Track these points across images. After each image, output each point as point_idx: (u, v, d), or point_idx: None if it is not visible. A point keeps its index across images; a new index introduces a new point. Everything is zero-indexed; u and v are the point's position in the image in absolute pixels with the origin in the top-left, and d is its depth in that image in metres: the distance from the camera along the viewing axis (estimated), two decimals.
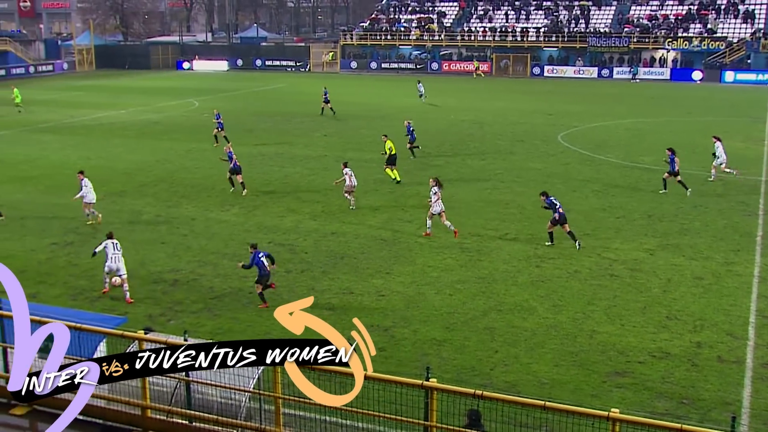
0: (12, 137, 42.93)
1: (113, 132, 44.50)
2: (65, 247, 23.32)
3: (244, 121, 48.02)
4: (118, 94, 64.73)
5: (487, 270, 21.20)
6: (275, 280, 19.51)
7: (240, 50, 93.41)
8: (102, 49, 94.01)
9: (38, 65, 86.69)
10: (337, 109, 51.32)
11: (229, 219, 26.26)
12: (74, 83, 75.07)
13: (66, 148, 39.26)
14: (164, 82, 75.87)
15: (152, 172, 33.59)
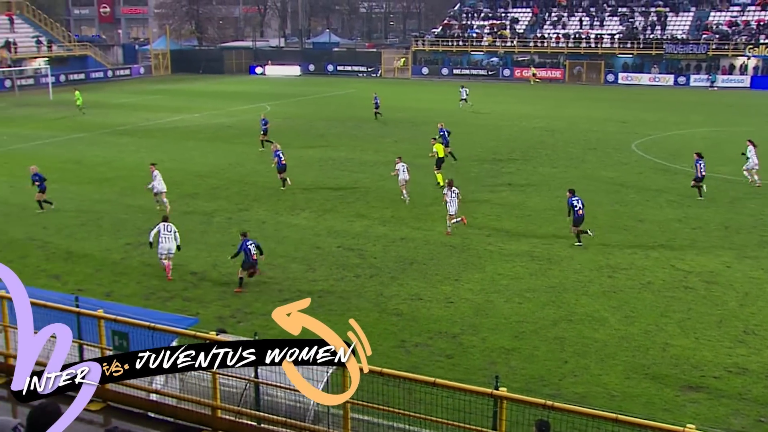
0: (90, 139, 44.18)
1: (187, 135, 45.43)
2: (139, 247, 23.87)
3: (316, 126, 48.47)
4: (193, 97, 66.04)
5: (557, 279, 20.95)
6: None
7: (312, 55, 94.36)
8: (177, 53, 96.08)
9: (116, 69, 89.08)
10: (407, 116, 51.37)
11: (299, 223, 26.52)
12: (150, 87, 76.88)
13: (141, 151, 40.23)
14: (237, 86, 77.13)
15: (224, 175, 34.17)
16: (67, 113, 55.03)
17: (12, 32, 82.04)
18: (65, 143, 42.85)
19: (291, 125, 49.16)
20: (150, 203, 28.55)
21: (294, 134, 45.18)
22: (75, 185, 32.44)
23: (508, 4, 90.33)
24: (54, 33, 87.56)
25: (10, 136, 44.91)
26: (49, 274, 21.51)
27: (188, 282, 20.83)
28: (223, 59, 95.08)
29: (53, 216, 27.57)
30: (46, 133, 46.10)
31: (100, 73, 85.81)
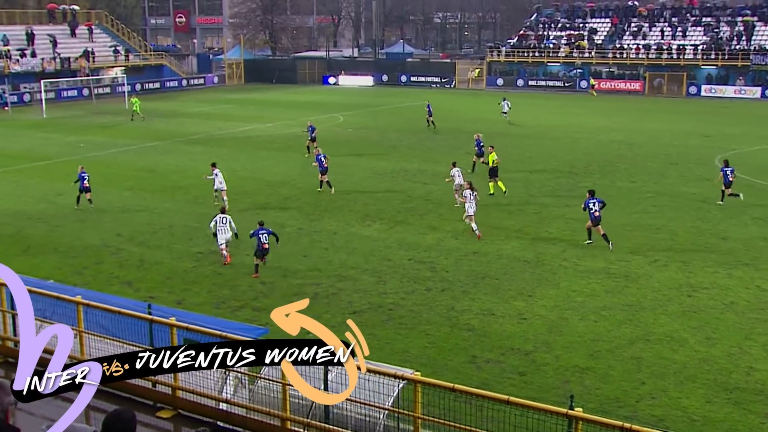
0: (164, 148, 45.23)
1: (259, 145, 46.13)
2: (210, 255, 24.29)
3: (388, 137, 48.70)
4: (266, 107, 67.06)
5: (634, 297, 20.56)
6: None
7: (385, 66, 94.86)
8: (251, 63, 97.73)
9: (190, 79, 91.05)
10: (480, 127, 51.12)
11: (370, 234, 26.65)
12: (224, 96, 78.37)
13: (214, 160, 40.95)
14: (310, 96, 78.03)
15: (296, 186, 34.57)
16: (144, 122, 56.47)
17: (91, 42, 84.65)
18: (140, 151, 43.96)
19: (363, 136, 49.49)
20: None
21: (366, 145, 45.48)
22: (148, 193, 33.25)
23: (587, 14, 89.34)
24: (131, 42, 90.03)
25: (87, 144, 46.29)
26: (122, 280, 22.06)
27: (258, 291, 21.10)
28: (296, 69, 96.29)
29: (127, 223, 28.29)
30: (122, 141, 47.37)
31: (175, 82, 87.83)
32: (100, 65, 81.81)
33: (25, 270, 21.67)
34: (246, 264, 23.25)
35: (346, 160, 40.37)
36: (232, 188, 33.64)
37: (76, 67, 77.95)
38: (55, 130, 53.30)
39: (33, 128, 54.60)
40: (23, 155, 43.12)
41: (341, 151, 43.36)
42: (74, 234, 27.01)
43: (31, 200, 32.16)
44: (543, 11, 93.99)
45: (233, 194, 31.82)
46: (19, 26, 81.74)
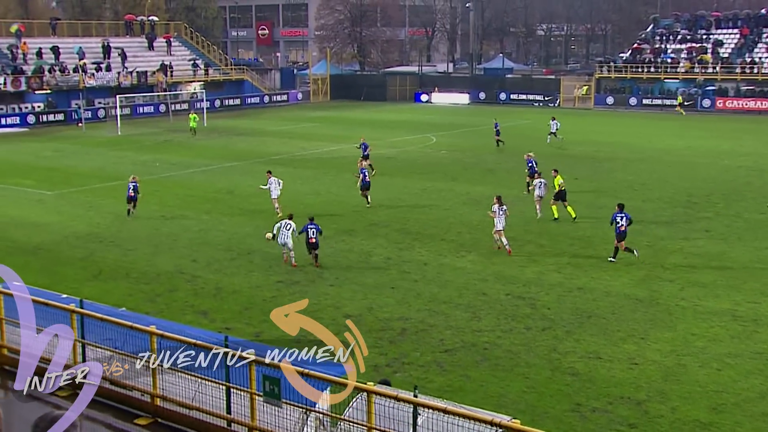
0: (244, 168, 46.18)
1: (345, 167, 46.60)
2: (291, 285, 24.62)
3: (485, 160, 48.62)
4: (352, 126, 67.82)
5: (765, 344, 19.89)
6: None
7: (483, 82, 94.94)
8: (337, 78, 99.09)
9: (273, 95, 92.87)
10: (588, 150, 50.57)
11: (464, 266, 26.58)
12: (308, 114, 79.65)
13: (297, 182, 41.63)
14: (400, 115, 78.60)
15: (384, 211, 34.79)
16: (221, 141, 57.83)
17: (169, 55, 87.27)
18: (218, 172, 45.00)
19: (457, 158, 49.54)
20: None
21: (461, 168, 45.46)
22: (227, 216, 33.98)
23: (711, 25, 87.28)
24: (211, 56, 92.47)
25: (163, 163, 47.68)
26: (197, 309, 22.54)
27: (342, 325, 21.24)
28: (386, 85, 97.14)
29: (204, 248, 28.94)
30: (200, 160, 48.57)
31: (257, 98, 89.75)
32: (178, 80, 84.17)
33: (96, 296, 22.42)
34: (329, 294, 23.47)
35: (439, 184, 40.43)
36: (316, 212, 34.11)
37: (153, 81, 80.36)
38: (129, 148, 55.08)
39: (107, 146, 56.56)
40: (96, 174, 44.67)
41: (434, 174, 43.48)
42: (147, 259, 27.78)
43: (103, 222, 33.27)
44: (660, 22, 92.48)
45: (319, 219, 32.29)
46: (94, 38, 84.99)
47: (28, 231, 31.84)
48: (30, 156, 52.42)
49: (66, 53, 78.39)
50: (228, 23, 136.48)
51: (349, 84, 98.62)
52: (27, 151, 54.92)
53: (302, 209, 35.11)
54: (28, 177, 44.10)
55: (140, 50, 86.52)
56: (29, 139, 61.44)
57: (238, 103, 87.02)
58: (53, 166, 48.17)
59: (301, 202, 36.50)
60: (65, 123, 71.08)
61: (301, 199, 37.23)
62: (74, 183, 42.19)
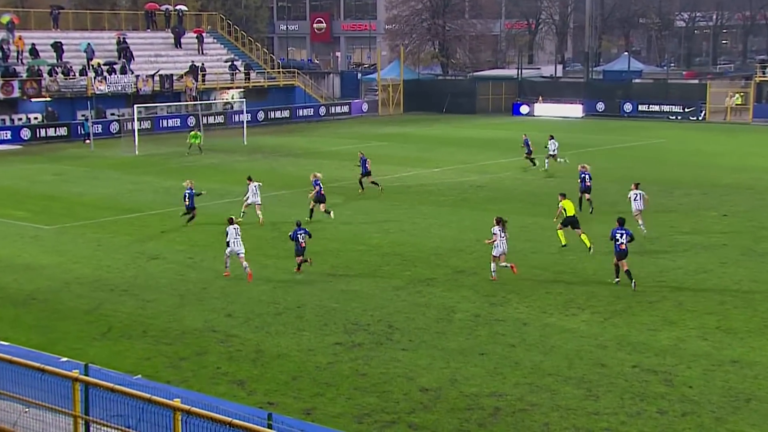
0: (293, 199, 46.53)
1: (422, 197, 46.69)
2: (352, 349, 24.63)
3: (605, 190, 48.22)
4: (431, 146, 67.97)
5: None
6: None
7: (602, 89, 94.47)
8: (413, 85, 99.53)
9: (331, 106, 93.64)
10: (744, 179, 49.89)
11: (576, 327, 26.30)
12: (375, 130, 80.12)
13: (358, 217, 41.77)
14: (494, 131, 78.57)
15: (471, 255, 34.69)
16: (265, 163, 58.49)
17: (200, 54, 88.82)
18: (263, 203, 45.42)
19: (570, 187, 49.28)
20: (367, 287, 29.54)
21: (574, 200, 45.16)
22: (271, 259, 34.23)
23: None
24: (253, 56, 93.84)
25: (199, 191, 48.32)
26: (232, 378, 22.67)
27: (416, 401, 21.17)
28: (475, 93, 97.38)
29: (241, 300, 29.16)
30: (238, 188, 48.98)
31: (310, 110, 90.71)
32: (212, 85, 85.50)
33: (103, 360, 22.72)
34: (400, 361, 23.41)
35: (543, 220, 40.20)
36: (385, 255, 34.20)
37: (180, 87, 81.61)
38: (149, 171, 55.96)
39: (121, 168, 57.58)
40: (106, 204, 45.44)
41: (537, 208, 43.25)
42: (170, 312, 28.08)
43: (115, 265, 33.77)
44: None
45: (387, 263, 32.31)
46: (107, 33, 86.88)
47: (20, 276, 32.47)
48: (23, 181, 53.67)
49: (71, 51, 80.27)
50: (275, 14, 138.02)
51: (427, 92, 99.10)
52: (20, 174, 56.25)
53: (365, 253, 35.27)
54: (20, 207, 45.09)
55: (164, 48, 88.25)
56: (23, 159, 62.95)
57: (286, 115, 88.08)
58: (53, 193, 49.18)
59: (365, 243, 36.66)
60: (68, 139, 72.72)
61: (365, 238, 37.36)
62: (79, 215, 42.99)
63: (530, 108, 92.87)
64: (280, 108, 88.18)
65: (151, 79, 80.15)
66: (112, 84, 78.17)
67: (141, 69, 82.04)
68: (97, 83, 77.09)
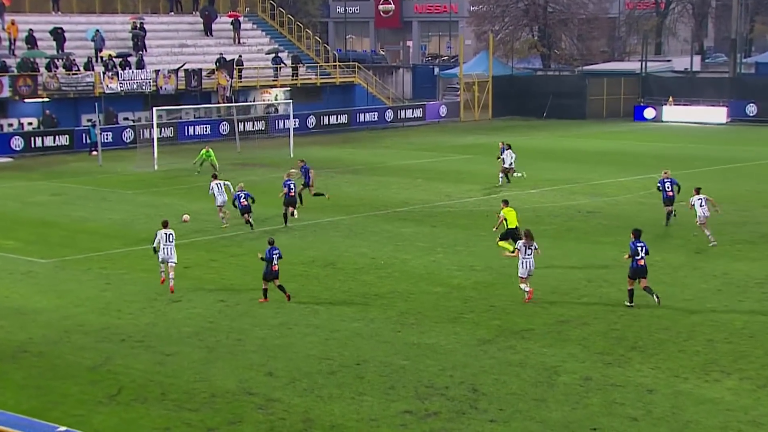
0: (352, 226, 46.53)
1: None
2: (425, 419, 24.49)
3: (756, 217, 47.79)
4: (528, 160, 67.55)
5: None
6: None
7: (754, 87, 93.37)
8: (505, 82, 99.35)
9: (400, 109, 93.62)
10: None
11: (719, 397, 25.94)
12: (455, 140, 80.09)
13: (436, 248, 41.66)
14: (609, 141, 78.10)
15: (580, 300, 34.38)
16: (318, 182, 58.49)
17: (236, 44, 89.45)
18: (311, 231, 45.46)
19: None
20: (445, 340, 29.42)
21: (717, 228, 44.83)
22: (323, 304, 34.17)
23: None
24: (302, 46, 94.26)
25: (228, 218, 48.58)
26: None
27: None
28: (584, 94, 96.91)
29: (286, 354, 29.10)
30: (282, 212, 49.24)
31: (374, 114, 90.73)
32: (251, 83, 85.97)
33: (111, 429, 22.82)
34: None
35: (673, 257, 39.85)
36: (469, 299, 34.13)
37: (210, 85, 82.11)
38: (171, 191, 56.28)
39: (136, 187, 58.06)
40: (118, 233, 45.79)
41: (666, 241, 42.90)
42: (196, 369, 28.12)
43: (127, 309, 33.87)
44: None
45: (470, 309, 32.21)
46: (119, 17, 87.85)
47: (9, 322, 32.67)
48: (14, 202, 54.41)
49: (75, 40, 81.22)
50: None
51: (523, 91, 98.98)
52: (10, 194, 57.03)
53: (443, 296, 35.16)
54: (10, 236, 45.57)
55: (191, 36, 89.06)
56: (14, 175, 63.76)
57: (343, 121, 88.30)
58: (50, 218, 49.66)
59: (443, 283, 36.56)
60: (71, 150, 73.62)
61: (443, 277, 37.25)
62: (83, 246, 43.31)
63: (657, 112, 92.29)
64: (336, 112, 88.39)
65: (175, 76, 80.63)
66: (125, 81, 78.71)
67: (162, 62, 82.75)
68: (108, 80, 77.64)
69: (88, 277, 38.35)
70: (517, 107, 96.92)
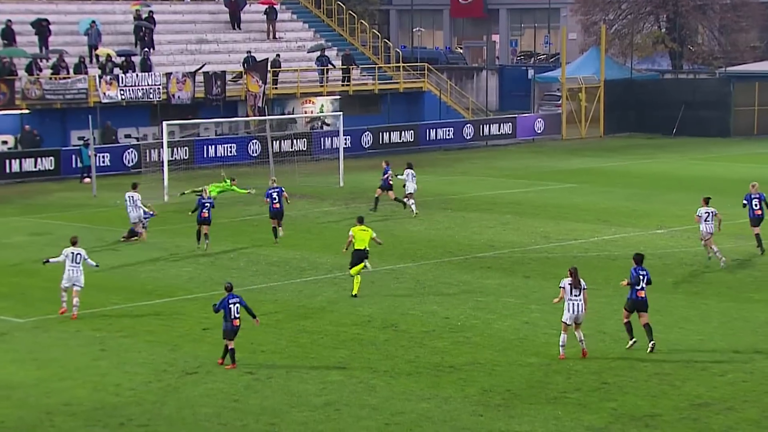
0: (420, 277, 46.52)
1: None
2: None
3: None
4: (652, 191, 67.61)
5: None
6: None
7: None
8: (621, 88, 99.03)
9: (483, 124, 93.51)
10: None
11: None
12: (556, 164, 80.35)
13: (529, 306, 41.56)
14: (763, 166, 77.58)
15: (723, 377, 33.99)
16: (384, 225, 58.33)
17: (271, 40, 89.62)
18: (361, 284, 45.41)
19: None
20: (541, 425, 29.36)
21: None
22: (383, 376, 34.11)
23: None
24: (355, 43, 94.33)
25: (251, 263, 48.69)
26: None
27: None
28: (729, 103, 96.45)
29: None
30: (327, 258, 49.24)
31: (449, 130, 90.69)
32: (289, 90, 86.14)
33: None
34: None
35: None
36: (573, 373, 34.09)
37: (237, 93, 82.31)
38: (185, 229, 56.25)
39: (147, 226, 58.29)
40: (116, 284, 46.01)
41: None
42: None
43: (128, 384, 33.79)
44: None
45: (576, 387, 32.19)
46: (121, 4, 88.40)
47: None
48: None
49: (63, 35, 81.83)
50: None
51: (646, 100, 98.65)
52: None
53: (539, 369, 35.06)
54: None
55: (213, 29, 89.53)
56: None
57: (409, 139, 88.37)
58: (29, 265, 49.96)
59: (540, 352, 36.43)
60: (56, 176, 74.07)
61: (539, 345, 37.10)
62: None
63: None
64: (400, 127, 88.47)
65: (191, 80, 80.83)
66: (127, 88, 78.91)
67: (174, 63, 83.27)
68: (105, 86, 77.90)
69: (78, 341, 38.44)
70: (637, 121, 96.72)
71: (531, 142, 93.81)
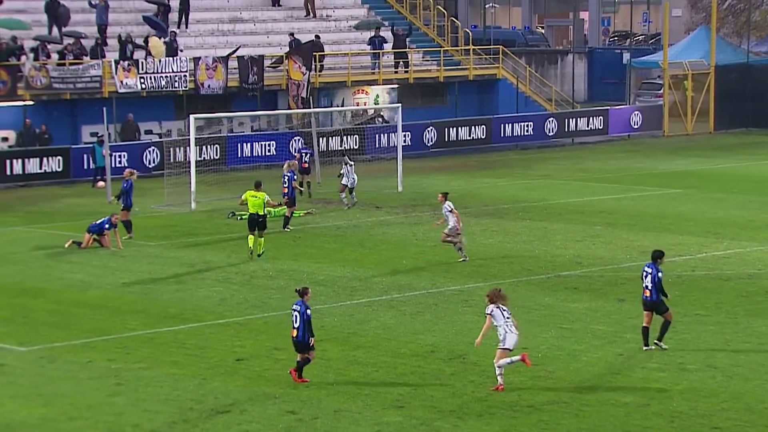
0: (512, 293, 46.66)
1: (752, 302, 45.97)
2: None
3: None
4: (764, 195, 67.40)
5: None
6: None
7: None
8: (735, 75, 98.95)
9: (567, 117, 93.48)
10: None
11: None
12: (657, 165, 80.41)
13: (624, 335, 41.46)
14: None
15: None
16: (438, 232, 58.62)
17: (315, 18, 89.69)
18: (423, 307, 45.51)
19: None
20: None
21: None
22: (449, 421, 34.19)
23: None
24: (416, 21, 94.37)
25: (279, 272, 48.87)
26: None
27: None
28: None
29: None
30: (381, 277, 49.47)
31: (528, 124, 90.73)
32: (338, 77, 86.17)
33: None
34: None
35: None
36: (675, 413, 34.09)
37: (277, 81, 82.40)
38: (215, 241, 56.70)
39: (163, 236, 58.62)
40: (134, 306, 46.09)
41: None
42: None
43: (148, 425, 33.60)
44: None
45: (680, 429, 32.10)
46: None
47: None
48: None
49: (74, 12, 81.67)
50: None
51: (766, 89, 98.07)
52: None
53: (638, 409, 35.08)
54: None
55: (248, 6, 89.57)
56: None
57: (481, 135, 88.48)
58: (33, 283, 50.20)
59: (638, 388, 36.32)
60: (66, 179, 74.52)
61: (636, 380, 37.02)
62: (81, 326, 43.70)
63: None
64: (470, 121, 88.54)
65: (223, 66, 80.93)
66: (148, 75, 78.84)
67: (204, 46, 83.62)
68: (122, 73, 77.94)
69: (90, 373, 38.57)
70: (754, 115, 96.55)
71: (626, 139, 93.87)
